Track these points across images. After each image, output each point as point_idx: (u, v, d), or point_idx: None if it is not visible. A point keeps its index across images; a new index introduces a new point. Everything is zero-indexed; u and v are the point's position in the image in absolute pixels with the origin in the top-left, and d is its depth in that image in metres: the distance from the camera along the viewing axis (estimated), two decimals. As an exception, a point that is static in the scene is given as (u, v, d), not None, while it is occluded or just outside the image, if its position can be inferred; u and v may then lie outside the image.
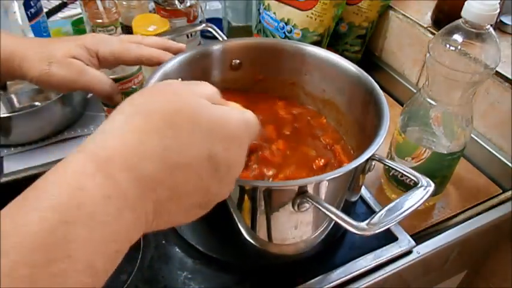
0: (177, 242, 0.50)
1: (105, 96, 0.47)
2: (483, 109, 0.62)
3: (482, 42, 0.43)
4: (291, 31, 0.71)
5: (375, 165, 0.42)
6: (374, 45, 0.82)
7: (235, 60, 0.55)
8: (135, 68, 0.59)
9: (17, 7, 0.64)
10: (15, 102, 0.68)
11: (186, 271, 0.47)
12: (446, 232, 0.53)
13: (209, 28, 0.59)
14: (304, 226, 0.42)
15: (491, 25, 0.43)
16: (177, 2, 0.71)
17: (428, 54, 0.46)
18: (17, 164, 0.59)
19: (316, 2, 0.67)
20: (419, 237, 0.52)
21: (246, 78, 0.57)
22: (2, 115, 0.58)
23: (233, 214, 0.40)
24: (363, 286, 0.47)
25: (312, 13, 0.68)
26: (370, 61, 0.82)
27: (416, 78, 0.74)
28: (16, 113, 0.58)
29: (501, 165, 0.61)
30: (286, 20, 0.70)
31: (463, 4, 0.43)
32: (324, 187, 0.39)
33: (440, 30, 0.46)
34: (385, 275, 0.48)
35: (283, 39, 0.71)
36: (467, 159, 0.64)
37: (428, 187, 0.36)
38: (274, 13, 0.71)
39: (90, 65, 0.45)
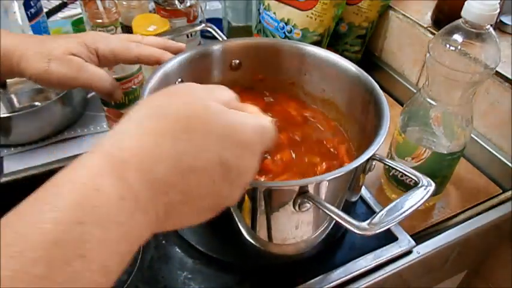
0: (177, 242, 0.50)
1: (105, 93, 0.47)
2: (483, 109, 0.62)
3: (482, 42, 0.43)
4: (291, 31, 0.71)
5: (375, 165, 0.42)
6: (374, 45, 0.82)
7: (235, 60, 0.55)
8: (135, 68, 0.59)
9: (17, 7, 0.64)
10: (15, 102, 0.68)
11: (186, 271, 0.47)
12: (446, 232, 0.53)
13: (209, 28, 0.59)
14: (304, 226, 0.42)
15: (491, 25, 0.43)
16: (177, 2, 0.71)
17: (428, 54, 0.46)
18: (17, 164, 0.59)
19: (316, 2, 0.67)
20: (419, 237, 0.52)
21: (245, 78, 0.57)
22: (2, 115, 0.58)
23: (233, 214, 0.40)
24: (363, 286, 0.47)
25: (312, 13, 0.68)
26: (370, 61, 0.82)
27: (416, 78, 0.74)
28: (16, 113, 0.58)
29: (501, 165, 0.61)
30: (286, 20, 0.70)
31: (463, 4, 0.43)
32: (324, 187, 0.39)
33: (440, 30, 0.46)
34: (385, 275, 0.48)
35: (283, 39, 0.71)
36: (467, 159, 0.64)
37: (428, 187, 0.36)
38: (274, 13, 0.71)
39: (89, 61, 0.45)
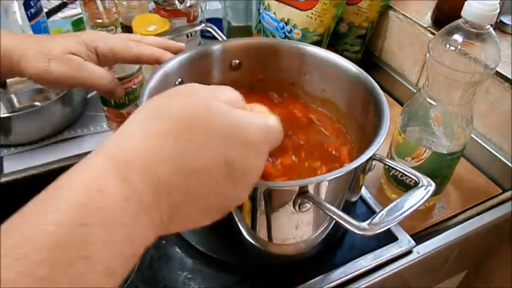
0: (177, 242, 0.50)
1: (105, 92, 0.47)
2: (483, 109, 0.62)
3: (482, 42, 0.43)
4: (291, 31, 0.71)
5: (375, 165, 0.42)
6: (374, 45, 0.82)
7: (235, 60, 0.55)
8: (135, 68, 0.59)
9: (17, 7, 0.64)
10: (15, 102, 0.68)
11: (186, 271, 0.47)
12: (446, 232, 0.53)
13: (208, 28, 0.59)
14: (304, 226, 0.42)
15: (491, 25, 0.43)
16: (177, 2, 0.71)
17: (428, 54, 0.46)
18: (17, 164, 0.59)
19: (316, 2, 0.67)
20: (419, 237, 0.52)
21: (245, 78, 0.57)
22: (2, 115, 0.58)
23: (234, 214, 0.40)
24: (363, 286, 0.47)
25: (312, 13, 0.68)
26: (370, 61, 0.82)
27: (416, 78, 0.74)
28: (16, 113, 0.58)
29: (501, 165, 0.61)
30: (286, 20, 0.70)
31: (463, 4, 0.43)
32: (324, 187, 0.39)
33: (440, 30, 0.46)
34: (385, 275, 0.48)
35: (283, 39, 0.71)
36: (467, 159, 0.64)
37: (429, 187, 0.36)
38: (274, 13, 0.71)
39: (88, 60, 0.45)
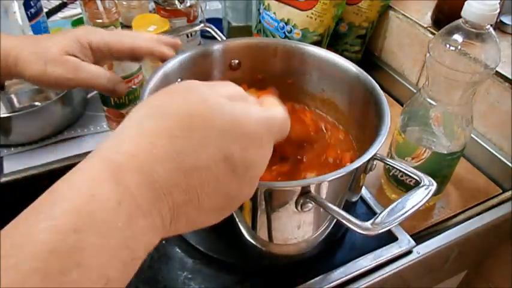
0: (177, 242, 0.50)
1: (105, 90, 0.46)
2: (483, 109, 0.62)
3: (482, 42, 0.43)
4: (291, 31, 0.71)
5: (376, 164, 0.42)
6: (374, 45, 0.82)
7: (235, 60, 0.55)
8: (135, 68, 0.59)
9: (17, 7, 0.64)
10: (15, 102, 0.68)
11: (186, 271, 0.47)
12: (446, 232, 0.53)
13: (208, 28, 0.59)
14: (306, 226, 0.42)
15: (491, 25, 0.43)
16: (177, 2, 0.71)
17: (428, 54, 0.46)
18: (17, 164, 0.59)
19: (316, 2, 0.67)
20: (419, 237, 0.52)
21: (245, 78, 0.57)
22: (2, 115, 0.58)
23: (234, 214, 0.40)
24: (363, 286, 0.47)
25: (312, 13, 0.68)
26: (370, 61, 0.82)
27: (416, 78, 0.74)
28: (16, 113, 0.58)
29: (501, 165, 0.61)
30: (286, 20, 0.70)
31: (463, 4, 0.43)
32: (325, 187, 0.39)
33: (440, 30, 0.46)
34: (385, 275, 0.48)
35: (283, 39, 0.71)
36: (467, 159, 0.64)
37: (430, 186, 0.36)
38: (274, 13, 0.71)
39: (84, 59, 0.45)
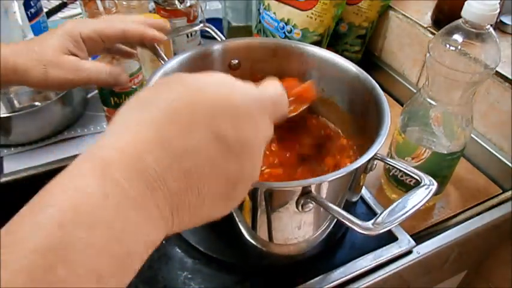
0: (177, 242, 0.50)
1: (108, 84, 0.46)
2: (483, 109, 0.62)
3: (482, 42, 0.43)
4: (291, 31, 0.71)
5: (376, 164, 0.42)
6: (374, 45, 0.82)
7: (234, 60, 0.55)
8: (135, 68, 0.59)
9: (17, 7, 0.64)
10: (15, 102, 0.68)
11: (186, 271, 0.47)
12: (446, 232, 0.53)
13: (207, 28, 0.59)
14: (306, 226, 0.42)
15: (491, 25, 0.43)
16: (177, 2, 0.71)
17: (428, 54, 0.46)
18: (17, 164, 0.59)
19: (316, 2, 0.67)
20: (419, 237, 0.52)
21: (244, 78, 0.56)
22: (2, 115, 0.58)
23: (234, 214, 0.40)
24: (362, 286, 0.47)
25: (312, 13, 0.68)
26: (370, 61, 0.82)
27: (416, 78, 0.74)
28: (16, 113, 0.59)
29: (501, 165, 0.61)
30: (286, 20, 0.70)
31: (463, 4, 0.43)
32: (326, 187, 0.39)
33: (440, 30, 0.46)
34: (385, 275, 0.48)
35: (283, 39, 0.71)
36: (467, 159, 0.64)
37: (431, 186, 0.36)
38: (274, 13, 0.71)
39: (79, 52, 0.44)
